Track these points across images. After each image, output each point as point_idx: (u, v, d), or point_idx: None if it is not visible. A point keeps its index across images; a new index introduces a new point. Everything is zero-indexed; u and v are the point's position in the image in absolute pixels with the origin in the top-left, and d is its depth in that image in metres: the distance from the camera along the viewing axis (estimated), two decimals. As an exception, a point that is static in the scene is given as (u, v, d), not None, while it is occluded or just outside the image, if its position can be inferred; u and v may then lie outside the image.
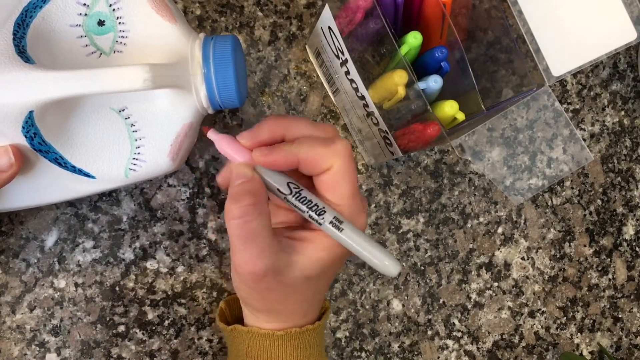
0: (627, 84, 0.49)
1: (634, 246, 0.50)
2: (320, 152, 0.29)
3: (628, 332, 0.50)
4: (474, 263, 0.46)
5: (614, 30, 0.33)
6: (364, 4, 0.31)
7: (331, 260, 0.30)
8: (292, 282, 0.30)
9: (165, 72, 0.29)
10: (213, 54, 0.31)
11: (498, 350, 0.47)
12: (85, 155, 0.31)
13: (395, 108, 0.34)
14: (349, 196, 0.30)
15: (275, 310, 0.32)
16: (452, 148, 0.45)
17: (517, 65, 0.34)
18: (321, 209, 0.29)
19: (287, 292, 0.31)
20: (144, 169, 0.32)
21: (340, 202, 0.30)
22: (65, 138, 0.30)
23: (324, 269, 0.31)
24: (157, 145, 0.32)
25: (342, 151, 0.29)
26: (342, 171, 0.29)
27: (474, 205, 0.46)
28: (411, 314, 0.45)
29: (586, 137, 0.49)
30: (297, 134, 0.30)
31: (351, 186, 0.29)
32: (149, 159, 0.32)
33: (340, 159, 0.29)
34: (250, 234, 0.28)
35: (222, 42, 0.32)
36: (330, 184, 0.29)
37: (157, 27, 0.31)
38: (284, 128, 0.30)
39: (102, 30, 0.30)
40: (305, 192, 0.30)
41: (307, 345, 0.33)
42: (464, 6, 0.36)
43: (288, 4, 0.42)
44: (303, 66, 0.43)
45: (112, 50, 0.31)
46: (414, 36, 0.32)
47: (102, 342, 0.40)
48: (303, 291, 0.31)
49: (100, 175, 0.31)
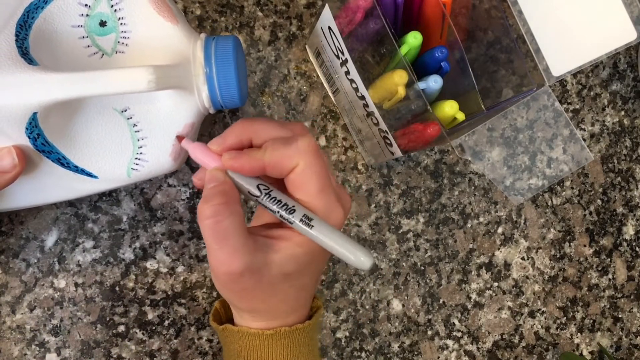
0: (627, 84, 0.49)
1: (634, 246, 0.50)
2: (283, 153, 0.29)
3: (628, 332, 0.50)
4: (474, 263, 0.46)
5: (614, 30, 0.33)
6: (364, 4, 0.31)
7: (308, 256, 0.30)
8: (271, 281, 0.30)
9: (168, 74, 0.29)
10: (215, 54, 0.31)
11: (498, 350, 0.47)
12: (87, 156, 0.31)
13: (395, 108, 0.34)
14: (317, 192, 0.29)
15: (259, 310, 0.32)
16: (452, 148, 0.45)
17: (517, 65, 0.34)
18: (291, 207, 0.29)
19: (267, 291, 0.31)
20: (146, 169, 0.32)
21: (309, 199, 0.30)
22: (68, 138, 0.30)
23: (303, 265, 0.31)
24: (159, 145, 0.32)
25: (305, 148, 0.29)
26: (307, 168, 0.29)
27: (474, 205, 0.46)
28: (411, 314, 0.45)
29: (586, 137, 0.49)
30: (264, 138, 0.30)
31: (319, 182, 0.29)
32: (151, 159, 0.32)
33: (304, 156, 0.29)
34: (223, 233, 0.28)
35: (223, 42, 0.32)
36: (297, 183, 0.29)
37: (158, 28, 0.31)
38: (251, 132, 0.30)
39: (104, 31, 0.30)
40: (275, 193, 0.30)
41: (298, 344, 0.33)
42: (464, 6, 0.36)
43: (288, 4, 0.42)
44: (303, 66, 0.43)
45: (114, 51, 0.31)
46: (414, 36, 0.32)
47: (102, 342, 0.40)
48: (284, 289, 0.31)
49: (102, 175, 0.31)
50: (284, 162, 0.29)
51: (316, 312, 0.36)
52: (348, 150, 0.44)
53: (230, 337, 0.34)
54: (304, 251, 0.30)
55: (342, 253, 0.29)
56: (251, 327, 0.33)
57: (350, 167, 0.44)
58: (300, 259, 0.30)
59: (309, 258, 0.31)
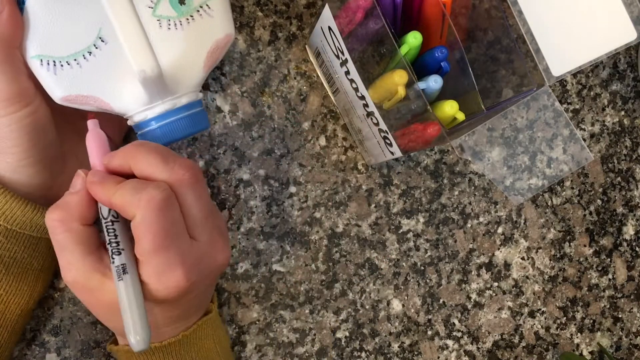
0: (627, 84, 0.49)
1: (634, 246, 0.50)
2: (128, 199, 0.27)
3: (628, 332, 0.50)
4: (474, 263, 0.46)
5: (614, 30, 0.33)
6: (364, 4, 0.31)
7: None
8: (107, 304, 0.29)
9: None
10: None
11: (498, 350, 0.47)
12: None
13: (395, 108, 0.34)
14: (149, 251, 0.27)
15: (110, 326, 0.33)
16: (452, 148, 0.45)
17: (517, 65, 0.34)
18: (119, 249, 0.28)
19: (105, 311, 0.30)
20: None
21: (139, 255, 0.28)
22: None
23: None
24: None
25: (144, 201, 0.27)
26: (141, 223, 0.27)
27: (474, 205, 0.46)
28: (411, 314, 0.45)
29: (586, 137, 0.49)
30: (139, 169, 0.29)
31: (151, 241, 0.27)
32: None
33: (140, 210, 0.27)
34: (57, 245, 0.28)
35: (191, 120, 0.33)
36: (134, 234, 0.28)
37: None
38: (133, 160, 0.29)
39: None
40: (118, 226, 0.29)
41: (177, 357, 0.33)
42: (464, 6, 0.36)
43: (288, 4, 0.42)
44: (303, 66, 0.43)
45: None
46: (414, 36, 0.32)
47: (102, 342, 0.40)
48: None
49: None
50: (125, 208, 0.27)
51: (205, 315, 0.35)
52: (348, 150, 0.44)
53: (118, 356, 0.35)
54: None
55: (126, 321, 0.27)
56: (127, 344, 0.33)
57: (350, 167, 0.44)
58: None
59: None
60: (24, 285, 0.33)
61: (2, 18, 0.27)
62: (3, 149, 0.30)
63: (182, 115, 0.32)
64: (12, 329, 0.34)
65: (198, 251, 0.29)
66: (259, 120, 0.42)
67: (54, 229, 0.28)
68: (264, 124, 0.42)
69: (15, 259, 0.32)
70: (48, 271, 0.36)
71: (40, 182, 0.32)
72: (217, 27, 0.32)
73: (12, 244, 0.32)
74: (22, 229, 0.32)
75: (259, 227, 0.42)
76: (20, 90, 0.28)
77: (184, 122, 0.32)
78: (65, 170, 0.33)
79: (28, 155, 0.30)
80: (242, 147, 0.42)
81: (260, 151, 0.42)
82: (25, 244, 0.32)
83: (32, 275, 0.34)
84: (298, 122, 0.43)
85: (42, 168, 0.31)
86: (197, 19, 0.31)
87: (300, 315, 0.43)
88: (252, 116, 0.42)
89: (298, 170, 0.43)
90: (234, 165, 0.42)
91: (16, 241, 0.32)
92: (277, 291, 0.42)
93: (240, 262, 0.42)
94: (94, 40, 0.30)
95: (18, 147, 0.30)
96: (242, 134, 0.42)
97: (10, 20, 0.27)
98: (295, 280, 0.43)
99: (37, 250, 0.33)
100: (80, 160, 0.34)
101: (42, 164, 0.31)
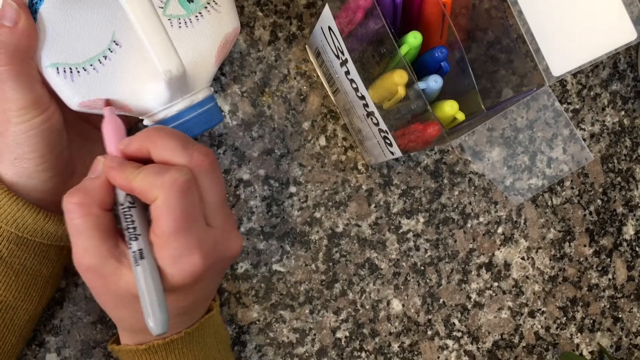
0: (627, 84, 0.49)
1: (634, 246, 0.50)
2: (150, 181, 0.27)
3: (628, 332, 0.50)
4: (474, 263, 0.46)
5: (614, 30, 0.33)
6: (364, 4, 0.31)
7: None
8: (118, 292, 0.29)
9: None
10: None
11: (498, 350, 0.47)
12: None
13: (395, 108, 0.34)
14: (168, 234, 0.27)
15: (117, 318, 0.32)
16: (452, 148, 0.45)
17: (517, 65, 0.34)
18: (136, 234, 0.28)
19: (116, 300, 0.30)
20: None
21: (158, 238, 0.28)
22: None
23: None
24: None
25: (167, 184, 0.27)
26: (163, 205, 0.27)
27: (474, 205, 0.46)
28: (411, 314, 0.45)
29: (586, 137, 0.49)
30: (159, 154, 0.29)
31: (172, 224, 0.27)
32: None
33: (163, 191, 0.27)
34: (75, 229, 0.28)
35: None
36: (154, 217, 0.27)
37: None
38: (151, 144, 0.29)
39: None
40: (135, 212, 0.28)
41: (179, 355, 0.33)
42: (464, 6, 0.36)
43: (288, 4, 0.42)
44: (303, 66, 0.43)
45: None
46: (414, 36, 0.32)
47: (102, 342, 0.40)
48: (133, 306, 0.29)
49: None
50: (148, 191, 0.27)
51: (207, 313, 0.35)
52: (348, 150, 0.44)
53: (120, 355, 0.35)
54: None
55: (145, 306, 0.27)
56: (129, 344, 0.33)
57: (350, 167, 0.44)
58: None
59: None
60: (33, 291, 0.33)
61: (18, 29, 0.27)
62: (20, 155, 0.30)
63: (200, 110, 0.33)
64: (20, 334, 0.34)
65: (214, 237, 0.29)
66: (259, 120, 0.42)
67: (72, 212, 0.28)
68: (264, 124, 0.42)
69: (25, 265, 0.32)
70: (57, 277, 0.36)
71: (53, 186, 0.32)
72: (225, 21, 0.33)
73: (23, 251, 0.32)
74: (33, 236, 0.32)
75: (259, 227, 0.42)
76: (37, 98, 0.29)
77: (203, 117, 0.34)
78: (74, 174, 0.34)
79: (44, 161, 0.30)
80: (242, 147, 0.42)
81: (260, 151, 0.42)
82: (36, 251, 0.33)
83: (41, 281, 0.34)
84: (298, 122, 0.43)
85: (56, 173, 0.32)
86: (205, 16, 0.32)
87: (300, 315, 0.43)
88: (252, 116, 0.42)
89: (298, 170, 0.43)
90: (234, 165, 0.42)
91: (27, 248, 0.32)
92: (277, 291, 0.42)
93: (240, 262, 0.42)
94: (109, 44, 0.30)
95: (35, 152, 0.30)
96: (242, 134, 0.42)
97: (27, 31, 0.27)
98: (295, 280, 0.43)
99: (47, 257, 0.33)
100: (86, 164, 0.35)
101: (56, 169, 0.32)
